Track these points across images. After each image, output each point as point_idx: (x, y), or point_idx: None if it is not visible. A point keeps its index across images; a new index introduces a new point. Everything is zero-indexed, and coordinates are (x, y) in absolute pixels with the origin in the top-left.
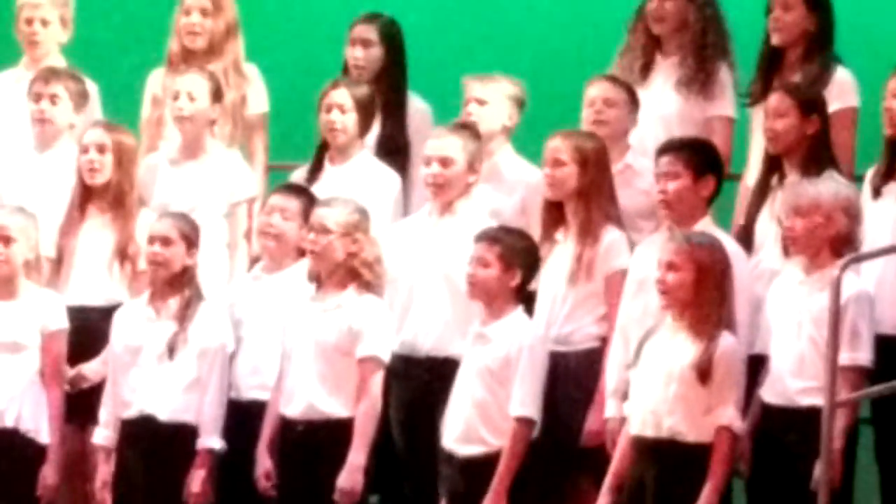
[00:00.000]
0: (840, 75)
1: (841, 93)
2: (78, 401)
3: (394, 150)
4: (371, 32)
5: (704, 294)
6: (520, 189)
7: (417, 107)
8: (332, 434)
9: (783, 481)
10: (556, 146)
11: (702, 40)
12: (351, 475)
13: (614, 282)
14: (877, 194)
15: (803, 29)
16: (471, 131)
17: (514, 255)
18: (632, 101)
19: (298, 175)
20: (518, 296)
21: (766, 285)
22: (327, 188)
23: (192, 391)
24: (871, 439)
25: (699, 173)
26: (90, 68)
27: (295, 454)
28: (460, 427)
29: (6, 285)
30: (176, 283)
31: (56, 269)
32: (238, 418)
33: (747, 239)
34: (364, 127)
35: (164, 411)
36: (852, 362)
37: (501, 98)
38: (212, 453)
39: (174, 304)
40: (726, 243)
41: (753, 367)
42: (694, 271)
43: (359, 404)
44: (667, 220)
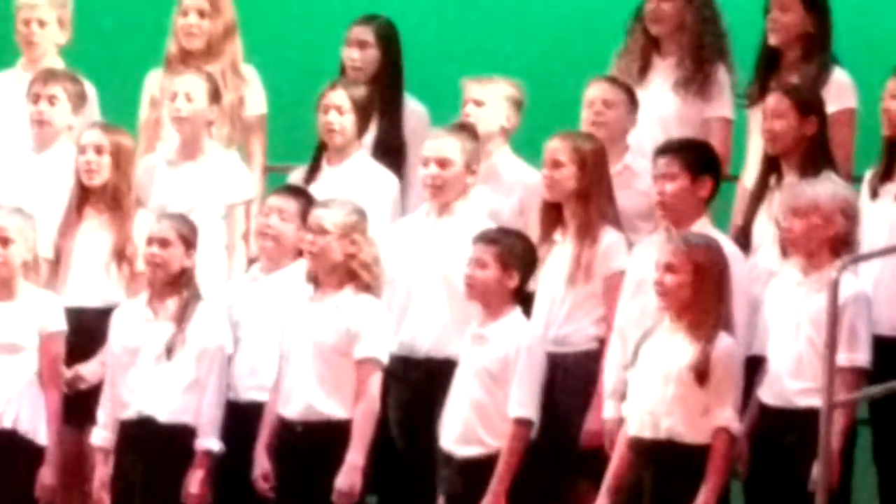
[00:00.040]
0: (838, 76)
1: (839, 94)
2: (76, 402)
3: (390, 151)
4: (367, 34)
5: (702, 295)
6: (518, 190)
7: (413, 108)
8: (331, 435)
9: (781, 482)
10: (555, 147)
11: (699, 41)
12: (349, 476)
13: (613, 283)
14: (874, 195)
15: (801, 30)
16: (469, 132)
17: (511, 257)
18: (631, 102)
19: (296, 176)
20: (516, 297)
21: (763, 286)
22: (325, 189)
23: (190, 392)
24: (869, 440)
25: (697, 174)
26: (88, 69)
27: (293, 455)
28: (458, 428)
29: (4, 286)
30: (174, 285)
31: (53, 270)
32: (236, 419)
33: (745, 240)
34: (362, 128)
35: (163, 412)
36: (850, 363)
37: (499, 99)
38: (210, 454)
39: (172, 305)
40: (724, 244)
41: (751, 368)
42: (692, 272)
43: (357, 405)
44: (664, 222)
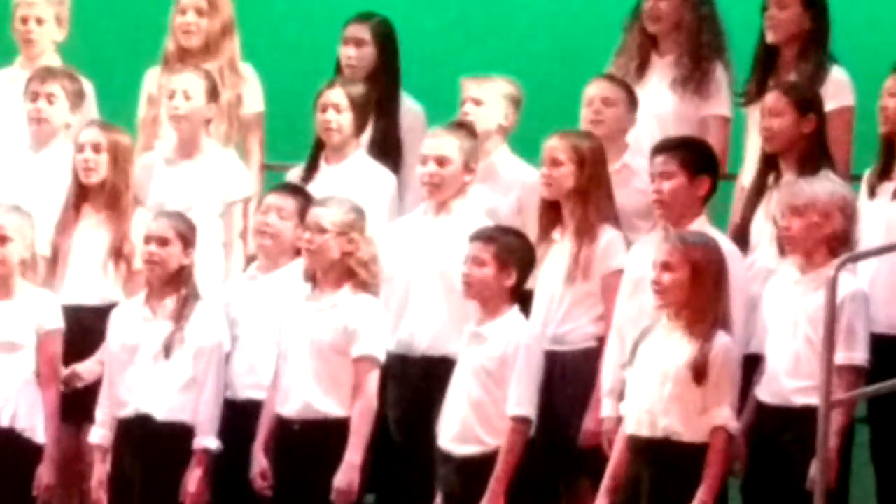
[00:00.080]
0: (836, 74)
1: (837, 92)
2: (74, 400)
3: (386, 149)
4: (364, 32)
5: (700, 294)
6: (516, 188)
7: (409, 106)
8: (328, 433)
9: (779, 481)
10: (554, 146)
11: (697, 39)
12: (347, 474)
13: (611, 281)
14: (872, 194)
15: (799, 27)
16: (467, 131)
17: (509, 255)
18: (630, 100)
19: (294, 174)
20: (514, 295)
21: (761, 285)
22: (323, 187)
23: (188, 391)
24: (867, 438)
25: (694, 173)
26: (86, 67)
27: (291, 453)
28: (457, 427)
29: (2, 285)
30: (172, 283)
31: (51, 269)
32: (234, 418)
33: (743, 238)
34: (359, 126)
35: (161, 411)
36: (848, 361)
37: (497, 98)
38: (208, 453)
39: (170, 303)
40: (722, 243)
41: (749, 367)
42: (689, 271)
43: (355, 403)
44: (662, 220)
